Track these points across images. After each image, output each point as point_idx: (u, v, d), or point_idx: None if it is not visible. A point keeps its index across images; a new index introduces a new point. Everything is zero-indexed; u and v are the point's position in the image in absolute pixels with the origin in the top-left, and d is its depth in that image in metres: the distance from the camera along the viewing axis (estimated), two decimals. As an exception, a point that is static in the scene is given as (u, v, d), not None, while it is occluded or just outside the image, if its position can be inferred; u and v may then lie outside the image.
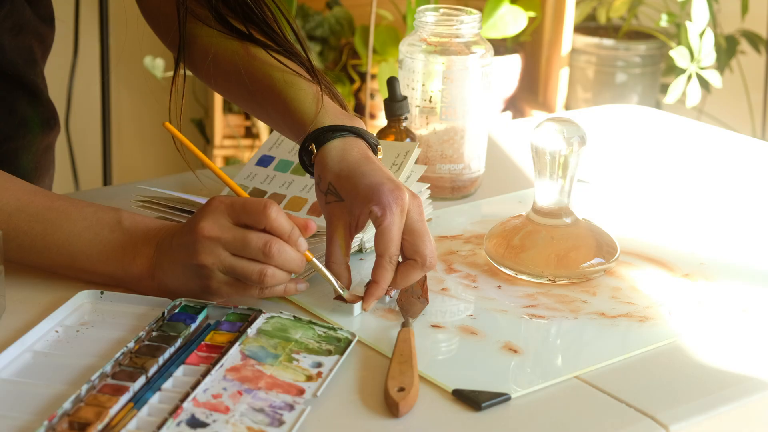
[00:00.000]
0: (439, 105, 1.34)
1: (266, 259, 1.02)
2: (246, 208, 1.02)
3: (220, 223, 1.02)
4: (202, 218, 1.03)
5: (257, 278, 1.02)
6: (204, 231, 1.02)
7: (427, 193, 1.29)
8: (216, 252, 1.02)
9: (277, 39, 1.22)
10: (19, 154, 1.31)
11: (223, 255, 1.02)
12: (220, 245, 1.02)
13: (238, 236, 1.02)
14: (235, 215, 1.03)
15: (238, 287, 1.04)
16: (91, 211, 1.09)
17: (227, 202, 1.03)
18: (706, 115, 3.04)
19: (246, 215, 1.02)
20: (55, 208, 1.09)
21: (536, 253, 1.15)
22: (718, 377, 1.00)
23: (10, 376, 0.94)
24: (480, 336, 1.05)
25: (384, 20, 2.91)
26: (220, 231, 1.02)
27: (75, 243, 1.08)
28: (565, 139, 1.14)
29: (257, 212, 1.02)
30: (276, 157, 1.32)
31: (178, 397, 0.91)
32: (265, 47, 1.20)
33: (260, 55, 1.21)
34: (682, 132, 1.72)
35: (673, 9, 2.96)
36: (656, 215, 1.36)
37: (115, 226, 1.08)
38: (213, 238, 1.02)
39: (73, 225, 1.08)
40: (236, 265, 1.02)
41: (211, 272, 1.03)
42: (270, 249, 1.02)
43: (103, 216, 1.09)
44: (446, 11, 1.35)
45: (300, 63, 1.20)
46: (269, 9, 1.23)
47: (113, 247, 1.08)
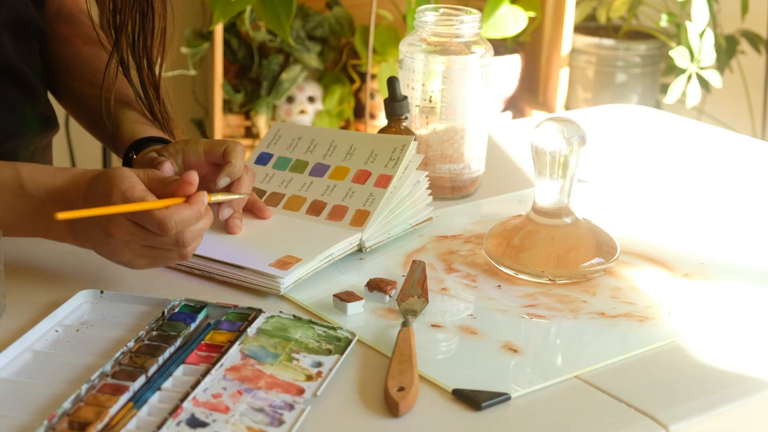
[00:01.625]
0: (439, 105, 1.34)
1: (181, 246, 1.05)
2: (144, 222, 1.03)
3: (126, 225, 1.04)
4: (108, 221, 1.04)
5: (178, 257, 1.06)
6: (114, 235, 1.04)
7: (426, 182, 1.28)
8: (131, 247, 1.05)
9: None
10: (17, 153, 1.31)
11: (139, 248, 1.05)
12: (133, 243, 1.05)
13: (148, 237, 1.04)
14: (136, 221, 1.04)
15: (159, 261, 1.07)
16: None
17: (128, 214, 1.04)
18: (706, 115, 3.04)
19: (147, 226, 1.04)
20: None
21: (536, 252, 1.15)
22: (718, 377, 1.00)
23: (10, 376, 0.94)
24: (480, 336, 1.05)
25: (384, 20, 2.91)
26: (129, 234, 1.04)
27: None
28: (565, 139, 1.14)
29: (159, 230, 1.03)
30: (274, 154, 1.32)
31: (178, 397, 0.91)
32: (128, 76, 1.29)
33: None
34: (682, 132, 1.72)
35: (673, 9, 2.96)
36: (656, 215, 1.35)
37: (19, 191, 1.09)
38: (125, 240, 1.05)
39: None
40: (155, 254, 1.06)
41: (131, 261, 1.06)
42: (184, 241, 1.05)
43: (5, 180, 1.09)
44: (446, 11, 1.35)
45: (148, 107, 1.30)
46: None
47: (24, 215, 1.09)
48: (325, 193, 1.25)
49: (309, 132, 1.33)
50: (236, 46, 2.87)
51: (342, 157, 1.28)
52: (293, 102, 2.92)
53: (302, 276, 1.12)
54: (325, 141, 1.31)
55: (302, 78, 2.90)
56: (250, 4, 2.12)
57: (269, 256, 1.13)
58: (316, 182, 1.27)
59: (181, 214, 1.04)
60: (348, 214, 1.21)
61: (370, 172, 1.25)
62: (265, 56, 2.89)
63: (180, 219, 1.03)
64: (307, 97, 2.93)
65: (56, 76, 1.38)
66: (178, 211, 1.04)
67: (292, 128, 1.35)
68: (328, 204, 1.23)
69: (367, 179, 1.24)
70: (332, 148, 1.30)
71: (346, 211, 1.22)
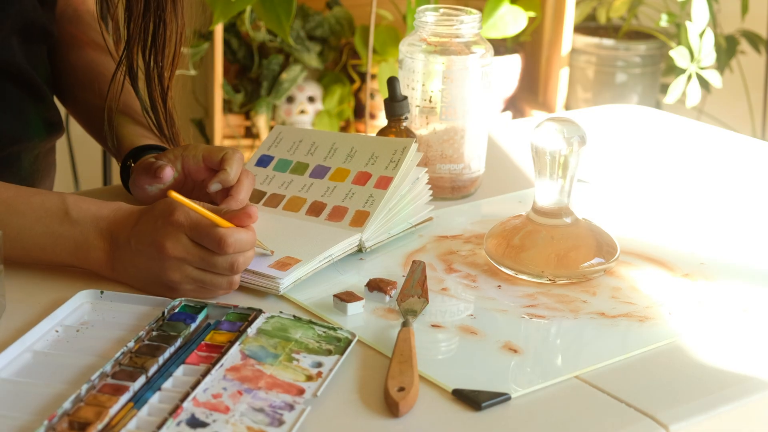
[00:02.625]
0: (439, 105, 1.34)
1: (233, 273, 1.06)
2: (202, 238, 1.04)
3: (183, 243, 1.05)
4: (165, 238, 1.05)
5: (227, 286, 1.07)
6: (170, 251, 1.05)
7: (425, 179, 1.28)
8: (183, 269, 1.05)
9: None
10: (21, 156, 1.31)
11: (190, 270, 1.05)
12: (186, 263, 1.05)
13: (203, 257, 1.05)
14: (194, 238, 1.05)
15: (204, 293, 1.07)
16: (38, 201, 1.10)
17: (187, 225, 1.05)
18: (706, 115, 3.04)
19: (204, 242, 1.05)
20: (2, 201, 1.10)
21: (536, 252, 1.15)
22: (718, 377, 1.00)
23: (10, 376, 0.94)
24: (480, 336, 1.05)
25: (384, 20, 2.91)
26: (185, 251, 1.05)
27: (26, 237, 1.09)
28: (565, 139, 1.14)
29: (215, 246, 1.04)
30: (275, 156, 1.32)
31: (178, 397, 0.91)
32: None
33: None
34: (682, 132, 1.72)
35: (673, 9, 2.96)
36: (656, 215, 1.35)
37: (64, 217, 1.09)
38: (179, 258, 1.05)
39: (22, 219, 1.09)
40: (205, 278, 1.06)
41: (179, 284, 1.06)
42: (237, 266, 1.05)
43: (51, 206, 1.10)
44: (446, 11, 1.35)
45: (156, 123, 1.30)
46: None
47: (65, 240, 1.09)
48: (326, 194, 1.25)
49: (310, 135, 1.33)
50: (236, 46, 2.87)
51: (342, 159, 1.28)
52: (293, 102, 2.92)
53: (302, 276, 1.12)
54: (325, 144, 1.31)
55: (302, 78, 2.90)
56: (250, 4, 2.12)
57: (269, 257, 1.13)
58: (316, 184, 1.27)
59: (241, 235, 1.05)
60: (348, 214, 1.21)
61: (371, 174, 1.25)
62: (265, 56, 2.89)
63: (238, 240, 1.04)
64: (307, 97, 2.93)
65: (63, 81, 1.38)
66: (238, 232, 1.05)
67: (293, 131, 1.35)
68: (328, 205, 1.23)
69: (368, 181, 1.24)
70: (333, 150, 1.30)
71: (346, 212, 1.22)
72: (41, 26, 1.30)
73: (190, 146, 1.20)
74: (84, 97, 1.36)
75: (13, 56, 1.26)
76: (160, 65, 1.26)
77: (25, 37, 1.28)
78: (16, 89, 1.28)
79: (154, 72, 1.26)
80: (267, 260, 1.12)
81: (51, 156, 1.39)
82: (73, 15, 1.40)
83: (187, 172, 1.19)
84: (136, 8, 1.23)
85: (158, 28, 1.24)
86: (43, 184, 1.37)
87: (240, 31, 2.87)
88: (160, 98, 1.27)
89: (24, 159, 1.31)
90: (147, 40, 1.25)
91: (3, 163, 1.28)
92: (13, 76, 1.27)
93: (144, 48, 1.25)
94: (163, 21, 1.24)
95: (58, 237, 1.09)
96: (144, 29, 1.24)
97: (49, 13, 1.32)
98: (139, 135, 1.28)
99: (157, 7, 1.23)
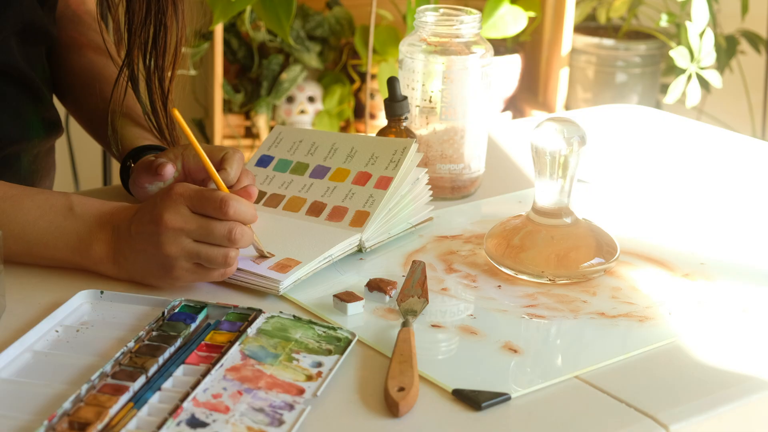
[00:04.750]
0: (439, 105, 1.34)
1: (230, 244, 1.06)
2: (204, 200, 1.06)
3: (182, 213, 1.06)
4: (164, 209, 1.06)
5: (222, 260, 1.06)
6: (168, 222, 1.05)
7: (425, 179, 1.28)
8: (180, 241, 1.05)
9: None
10: (20, 156, 1.31)
11: (187, 243, 1.06)
12: (183, 234, 1.05)
13: (202, 225, 1.05)
14: (194, 207, 1.06)
15: (201, 273, 1.08)
16: (42, 198, 1.12)
17: (186, 194, 1.06)
18: (706, 115, 3.04)
19: (204, 208, 1.06)
20: (8, 198, 1.11)
21: (536, 253, 1.15)
22: (718, 377, 1.00)
23: (10, 376, 0.94)
24: (480, 336, 1.05)
25: (384, 20, 2.91)
26: (183, 221, 1.05)
27: (30, 232, 1.10)
28: (565, 139, 1.14)
29: (215, 207, 1.05)
30: (275, 156, 1.32)
31: (178, 397, 0.91)
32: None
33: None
34: (682, 132, 1.72)
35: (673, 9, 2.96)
36: (656, 215, 1.36)
37: (68, 213, 1.11)
38: (177, 229, 1.05)
39: (26, 214, 1.10)
40: (201, 251, 1.06)
41: (175, 260, 1.06)
42: (234, 235, 1.06)
43: (55, 203, 1.11)
44: (446, 11, 1.35)
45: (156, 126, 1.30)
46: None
47: (68, 234, 1.10)
48: (326, 194, 1.25)
49: (310, 135, 1.33)
50: (236, 46, 2.87)
51: (343, 159, 1.28)
52: (293, 102, 2.92)
53: (301, 277, 1.12)
54: (326, 144, 1.31)
55: (302, 78, 2.90)
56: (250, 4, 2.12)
57: (268, 258, 1.13)
58: (316, 184, 1.27)
59: (241, 204, 1.06)
60: (348, 214, 1.21)
61: (371, 174, 1.25)
62: (265, 56, 2.89)
63: (239, 207, 1.05)
64: (307, 97, 2.93)
65: (62, 82, 1.38)
66: (239, 200, 1.06)
67: (293, 132, 1.35)
68: (328, 205, 1.23)
69: (368, 181, 1.24)
70: (333, 150, 1.30)
71: (346, 212, 1.22)
72: (41, 27, 1.30)
73: (190, 145, 1.20)
74: (84, 99, 1.37)
75: (13, 57, 1.26)
76: (161, 68, 1.26)
77: (25, 38, 1.28)
78: (15, 90, 1.28)
79: (154, 75, 1.26)
80: (267, 262, 1.13)
81: (50, 156, 1.39)
82: (72, 16, 1.40)
83: (187, 172, 1.19)
84: (138, 12, 1.23)
85: (159, 31, 1.24)
86: (42, 184, 1.37)
87: (240, 31, 2.87)
88: (160, 101, 1.27)
89: (23, 159, 1.31)
90: (148, 43, 1.24)
91: (2, 163, 1.28)
92: (12, 77, 1.27)
93: (144, 52, 1.25)
94: (164, 25, 1.24)
95: (62, 231, 1.10)
96: (145, 33, 1.24)
97: (49, 15, 1.32)
98: (139, 136, 1.28)
99: (157, 11, 1.23)
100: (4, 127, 1.27)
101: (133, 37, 1.24)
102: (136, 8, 1.23)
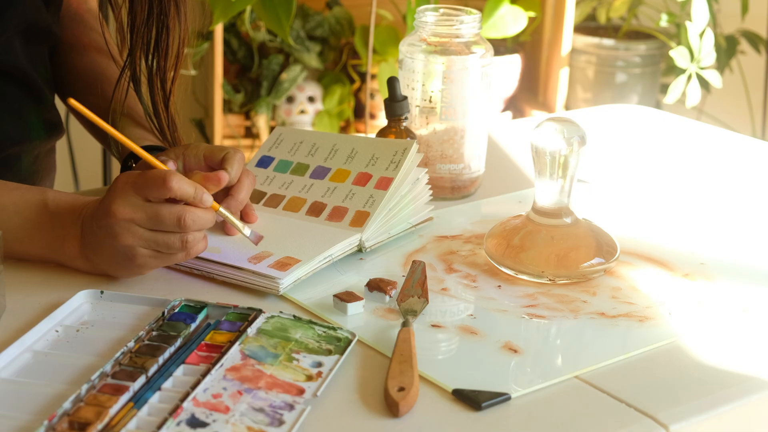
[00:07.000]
0: (439, 105, 1.34)
1: (182, 230, 1.05)
2: (148, 183, 1.05)
3: (131, 202, 1.05)
4: (112, 200, 1.05)
5: (180, 246, 1.06)
6: (118, 213, 1.05)
7: (425, 179, 1.28)
8: (133, 231, 1.05)
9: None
10: (21, 156, 1.31)
11: (141, 232, 1.05)
12: (135, 224, 1.05)
13: (150, 213, 1.05)
14: (141, 191, 1.05)
15: (163, 258, 1.08)
16: (18, 194, 1.12)
17: (131, 181, 1.06)
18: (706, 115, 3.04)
19: (150, 190, 1.05)
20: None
21: (536, 253, 1.16)
22: (718, 377, 1.00)
23: (10, 376, 0.94)
24: (480, 336, 1.05)
25: (384, 20, 2.91)
26: (132, 211, 1.05)
27: (5, 228, 1.10)
28: (565, 139, 1.14)
29: (159, 186, 1.04)
30: (275, 157, 1.32)
31: (178, 397, 0.91)
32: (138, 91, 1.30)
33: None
34: (682, 132, 1.72)
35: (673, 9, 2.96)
36: (656, 215, 1.36)
37: (42, 209, 1.11)
38: (127, 219, 1.05)
39: (1, 210, 1.11)
40: (157, 239, 1.06)
41: (133, 249, 1.06)
42: (184, 221, 1.05)
43: (30, 198, 1.12)
44: (446, 11, 1.35)
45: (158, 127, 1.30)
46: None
47: (43, 230, 1.11)
48: (326, 194, 1.25)
49: (310, 136, 1.33)
50: (236, 46, 2.87)
51: (343, 160, 1.28)
52: (293, 102, 2.92)
53: (301, 276, 1.12)
54: (326, 145, 1.31)
55: (302, 78, 2.90)
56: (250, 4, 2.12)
57: (268, 257, 1.13)
58: (316, 184, 1.27)
59: (182, 180, 1.05)
60: (348, 215, 1.21)
61: (371, 175, 1.25)
62: (265, 56, 2.89)
63: (182, 184, 1.04)
64: (307, 97, 2.93)
65: (64, 82, 1.38)
66: (180, 177, 1.05)
67: (294, 132, 1.35)
68: (328, 205, 1.23)
69: (368, 181, 1.24)
70: (333, 151, 1.30)
71: (346, 212, 1.22)
72: (44, 27, 1.30)
73: (191, 145, 1.20)
74: (86, 99, 1.36)
75: (16, 57, 1.26)
76: (163, 70, 1.26)
77: (28, 38, 1.28)
78: (17, 90, 1.28)
79: (156, 77, 1.26)
80: (267, 260, 1.13)
81: (51, 157, 1.39)
82: (74, 16, 1.40)
83: (187, 171, 1.19)
84: (140, 13, 1.23)
85: (161, 33, 1.24)
86: (42, 185, 1.37)
87: (240, 31, 2.87)
88: (162, 103, 1.27)
89: (24, 160, 1.31)
90: (150, 45, 1.24)
91: (3, 163, 1.28)
92: (15, 78, 1.27)
93: (147, 53, 1.25)
94: (167, 26, 1.24)
95: (36, 227, 1.11)
96: (147, 34, 1.24)
97: (54, 15, 1.32)
98: (140, 136, 1.28)
99: (160, 13, 1.23)
100: (5, 127, 1.27)
101: (135, 38, 1.24)
102: (138, 9, 1.23)
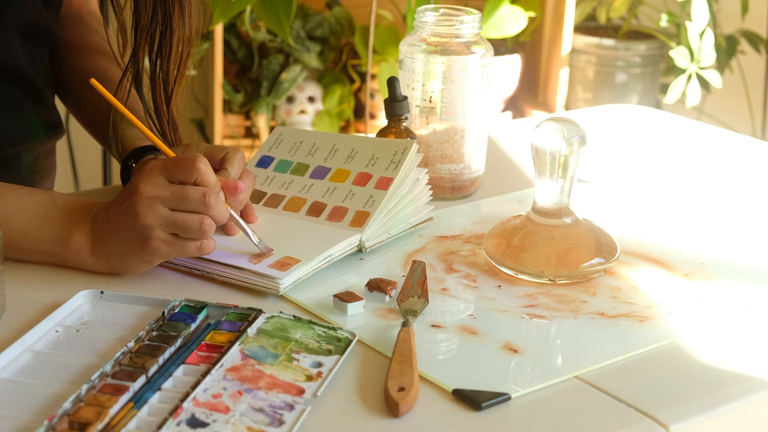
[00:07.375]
0: (439, 105, 1.34)
1: (204, 208, 1.07)
2: (177, 164, 1.08)
3: (157, 182, 1.08)
4: (140, 181, 1.08)
5: (197, 227, 1.07)
6: (144, 191, 1.07)
7: (425, 179, 1.28)
8: (155, 209, 1.07)
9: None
10: (21, 157, 1.31)
11: (163, 210, 1.07)
12: (158, 202, 1.07)
13: (175, 191, 1.07)
14: (168, 173, 1.08)
15: (176, 245, 1.08)
16: (25, 192, 1.14)
17: (160, 163, 1.09)
18: (706, 115, 3.04)
19: (178, 171, 1.08)
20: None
21: (536, 253, 1.16)
22: (718, 377, 1.00)
23: (10, 376, 0.94)
24: (480, 336, 1.05)
25: (384, 20, 2.91)
26: (158, 189, 1.07)
27: (12, 222, 1.11)
28: (565, 139, 1.14)
29: (188, 167, 1.07)
30: (275, 157, 1.32)
31: (178, 397, 0.91)
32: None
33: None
34: (682, 132, 1.72)
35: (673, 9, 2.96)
36: (656, 215, 1.36)
37: (50, 205, 1.13)
38: (152, 197, 1.07)
39: (8, 205, 1.12)
40: (176, 218, 1.07)
41: (151, 230, 1.07)
42: (208, 198, 1.07)
43: (38, 196, 1.13)
44: (446, 11, 1.35)
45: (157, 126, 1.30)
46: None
47: (49, 225, 1.12)
48: (326, 194, 1.25)
49: (310, 136, 1.33)
50: (236, 46, 2.87)
51: (343, 160, 1.28)
52: (293, 102, 2.92)
53: (301, 276, 1.12)
54: (326, 145, 1.31)
55: (302, 78, 2.90)
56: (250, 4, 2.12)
57: (268, 256, 1.13)
58: (316, 184, 1.27)
59: (210, 168, 1.08)
60: (348, 215, 1.21)
61: (371, 175, 1.25)
62: (265, 56, 2.89)
63: (208, 168, 1.08)
64: (307, 97, 2.93)
65: (64, 82, 1.38)
66: (208, 164, 1.08)
67: (294, 132, 1.35)
68: (328, 205, 1.23)
69: (368, 181, 1.24)
70: (333, 151, 1.30)
71: (346, 212, 1.22)
72: (44, 27, 1.30)
73: (191, 145, 1.20)
74: (86, 99, 1.36)
75: (16, 58, 1.26)
76: (166, 71, 1.26)
77: (28, 38, 1.28)
78: (17, 91, 1.28)
79: (159, 78, 1.26)
80: (267, 260, 1.13)
81: (51, 157, 1.39)
82: (74, 17, 1.40)
83: None
84: (144, 15, 1.23)
85: (165, 35, 1.24)
86: (43, 185, 1.37)
87: (240, 31, 2.87)
88: (164, 103, 1.27)
89: (24, 160, 1.31)
90: (153, 46, 1.24)
91: (3, 164, 1.28)
92: (15, 78, 1.27)
93: (150, 54, 1.25)
94: (170, 28, 1.24)
95: (43, 221, 1.11)
96: (151, 36, 1.24)
97: (54, 16, 1.32)
98: (140, 136, 1.28)
99: (164, 15, 1.23)
100: (5, 127, 1.27)
101: (138, 40, 1.24)
102: (143, 11, 1.23)
